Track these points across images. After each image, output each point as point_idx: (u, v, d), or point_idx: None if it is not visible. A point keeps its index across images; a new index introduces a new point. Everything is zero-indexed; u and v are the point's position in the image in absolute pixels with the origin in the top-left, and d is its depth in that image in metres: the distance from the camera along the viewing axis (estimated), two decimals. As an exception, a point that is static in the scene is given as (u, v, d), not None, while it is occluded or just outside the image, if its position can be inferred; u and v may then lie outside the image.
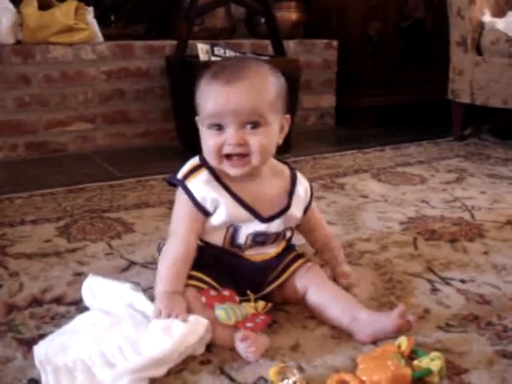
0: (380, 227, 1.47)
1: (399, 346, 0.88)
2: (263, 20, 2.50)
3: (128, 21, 2.62)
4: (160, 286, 0.96)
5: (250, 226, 1.01)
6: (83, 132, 2.31)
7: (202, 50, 2.25)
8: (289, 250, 1.10)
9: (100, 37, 2.34)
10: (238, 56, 2.29)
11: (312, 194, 1.11)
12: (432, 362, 0.84)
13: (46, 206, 1.64)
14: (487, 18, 2.38)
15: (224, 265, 1.02)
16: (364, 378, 0.81)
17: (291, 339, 0.95)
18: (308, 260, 1.10)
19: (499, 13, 2.43)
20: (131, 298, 0.99)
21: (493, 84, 2.30)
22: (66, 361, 0.85)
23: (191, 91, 1.01)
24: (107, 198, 1.71)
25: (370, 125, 2.78)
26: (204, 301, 0.94)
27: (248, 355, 0.88)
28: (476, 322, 1.01)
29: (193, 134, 1.08)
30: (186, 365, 0.88)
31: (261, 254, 1.04)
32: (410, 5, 2.80)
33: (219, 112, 0.95)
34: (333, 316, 0.98)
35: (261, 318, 0.93)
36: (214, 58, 2.22)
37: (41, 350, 0.88)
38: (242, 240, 1.02)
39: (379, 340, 0.93)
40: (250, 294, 0.99)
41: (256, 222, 1.01)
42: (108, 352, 0.86)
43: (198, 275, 0.99)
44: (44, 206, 1.64)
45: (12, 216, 1.56)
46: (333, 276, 1.12)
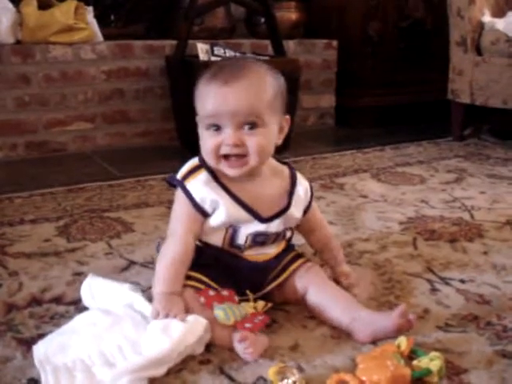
0: (379, 227, 1.47)
1: (399, 346, 0.88)
2: (263, 20, 2.50)
3: (128, 20, 2.62)
4: (158, 287, 0.96)
5: (249, 227, 1.01)
6: (83, 132, 2.31)
7: (202, 49, 2.25)
8: (288, 249, 1.10)
9: (100, 36, 2.34)
10: (238, 56, 2.29)
11: (312, 195, 1.11)
12: (431, 362, 0.84)
13: (46, 205, 1.64)
14: (487, 18, 2.38)
15: (223, 265, 1.02)
16: (363, 378, 0.81)
17: (291, 339, 0.95)
18: (308, 260, 1.10)
19: (499, 13, 2.43)
20: (130, 298, 0.99)
21: (492, 84, 2.30)
22: (66, 360, 0.85)
23: (191, 91, 1.01)
24: (107, 197, 1.71)
25: (369, 125, 2.78)
26: (203, 301, 0.94)
27: (246, 356, 0.88)
28: (475, 321, 1.01)
29: (192, 134, 1.08)
30: (186, 364, 0.88)
31: (260, 254, 1.04)
32: (410, 5, 2.80)
33: (217, 112, 0.95)
34: (332, 316, 0.98)
35: (259, 318, 0.92)
36: (213, 58, 2.22)
37: (40, 349, 0.88)
38: (241, 240, 1.02)
39: (379, 340, 0.93)
40: (249, 293, 0.99)
41: (255, 222, 1.01)
42: (107, 352, 0.86)
43: (196, 276, 0.99)
44: (44, 205, 1.64)
45: (12, 215, 1.56)
46: (332, 276, 1.12)
